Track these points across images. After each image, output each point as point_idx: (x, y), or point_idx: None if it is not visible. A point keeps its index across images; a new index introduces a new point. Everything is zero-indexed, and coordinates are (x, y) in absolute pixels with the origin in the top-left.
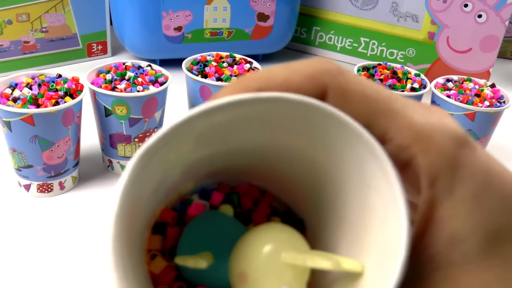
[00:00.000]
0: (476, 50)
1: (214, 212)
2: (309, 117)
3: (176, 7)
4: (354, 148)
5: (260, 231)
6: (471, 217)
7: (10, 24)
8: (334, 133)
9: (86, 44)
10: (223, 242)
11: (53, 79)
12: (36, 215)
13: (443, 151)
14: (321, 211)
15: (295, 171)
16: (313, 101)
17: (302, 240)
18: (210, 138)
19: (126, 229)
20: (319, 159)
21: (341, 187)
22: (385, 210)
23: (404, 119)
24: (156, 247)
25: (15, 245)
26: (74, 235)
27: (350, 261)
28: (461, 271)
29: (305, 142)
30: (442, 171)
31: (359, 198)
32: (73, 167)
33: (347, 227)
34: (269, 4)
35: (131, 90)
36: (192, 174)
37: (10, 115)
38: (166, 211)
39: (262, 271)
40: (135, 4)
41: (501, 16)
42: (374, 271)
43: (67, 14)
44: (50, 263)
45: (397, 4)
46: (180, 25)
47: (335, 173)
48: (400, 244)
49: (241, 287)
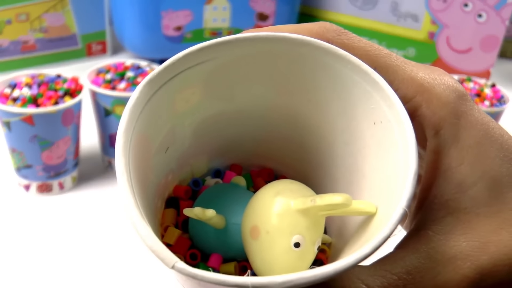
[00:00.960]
0: (476, 50)
1: (226, 184)
2: (313, 60)
3: (176, 7)
4: (358, 87)
5: (269, 186)
6: (478, 163)
7: (9, 24)
8: (340, 72)
9: (85, 43)
10: (235, 208)
11: (53, 79)
12: (36, 215)
13: (446, 100)
14: (335, 177)
15: (302, 142)
16: (317, 40)
17: (312, 193)
18: (214, 88)
19: (135, 157)
20: (329, 111)
21: (351, 136)
22: (393, 142)
23: (405, 72)
24: (170, 220)
25: (15, 245)
26: (74, 235)
27: (363, 202)
28: (472, 216)
29: (313, 93)
30: (446, 119)
31: (367, 143)
32: (73, 167)
33: (361, 178)
34: (269, 4)
35: (131, 90)
36: (204, 146)
37: (9, 115)
38: (179, 187)
39: (273, 221)
40: (135, 4)
41: (501, 16)
42: (385, 204)
43: (67, 14)
44: (50, 263)
45: (397, 4)
46: (180, 24)
47: (345, 124)
48: (409, 167)
49: (254, 243)
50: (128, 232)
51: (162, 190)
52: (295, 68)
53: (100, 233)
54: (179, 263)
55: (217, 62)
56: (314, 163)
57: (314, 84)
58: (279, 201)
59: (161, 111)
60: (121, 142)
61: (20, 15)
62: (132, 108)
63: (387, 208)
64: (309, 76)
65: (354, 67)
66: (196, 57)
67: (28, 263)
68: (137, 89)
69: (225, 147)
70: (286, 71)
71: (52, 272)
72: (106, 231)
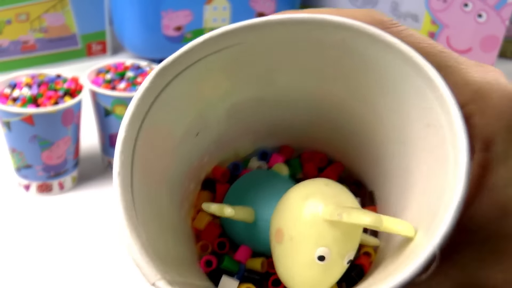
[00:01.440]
0: (476, 50)
1: (266, 171)
2: (357, 48)
3: (176, 7)
4: (410, 81)
5: (301, 185)
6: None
7: (9, 24)
8: (389, 63)
9: (85, 44)
10: (269, 202)
11: (53, 79)
12: (36, 215)
13: (501, 112)
14: (387, 176)
15: (353, 130)
16: (362, 24)
17: (351, 198)
18: (249, 73)
19: (146, 148)
20: (376, 106)
21: (403, 135)
22: (444, 154)
23: (460, 75)
24: (203, 203)
25: (15, 245)
26: (74, 235)
27: (401, 223)
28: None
29: (357, 83)
30: (500, 133)
31: (420, 146)
32: (73, 167)
33: (413, 184)
34: (269, 4)
35: (131, 90)
36: (246, 127)
37: (9, 115)
38: (217, 168)
39: (298, 228)
40: (135, 4)
41: (501, 16)
42: (425, 226)
43: (67, 14)
44: (49, 263)
45: (397, 4)
46: (180, 24)
47: (396, 122)
48: (454, 198)
49: (277, 246)
50: None
51: (196, 173)
52: (337, 55)
53: (100, 233)
54: (159, 282)
55: (246, 47)
56: (368, 156)
57: (358, 74)
58: (307, 206)
59: (183, 98)
60: (122, 136)
61: (20, 15)
62: (140, 99)
63: (426, 232)
64: (353, 65)
65: (406, 58)
66: (218, 42)
67: (28, 263)
68: (147, 79)
69: (273, 128)
70: (327, 58)
71: (52, 272)
72: (106, 231)
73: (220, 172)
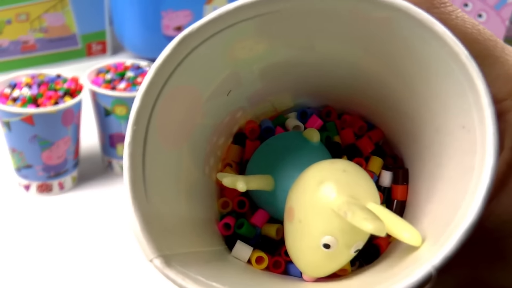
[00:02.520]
0: None
1: (297, 135)
2: (402, 29)
3: (175, 7)
4: (453, 77)
5: (319, 166)
6: None
7: (9, 24)
8: (433, 53)
9: (85, 44)
10: (293, 171)
11: (53, 79)
12: (36, 215)
13: None
14: (421, 162)
15: (393, 106)
16: (410, 5)
17: (369, 188)
18: (287, 38)
19: (159, 118)
20: (418, 91)
21: (441, 127)
22: (471, 161)
23: (503, 67)
24: (233, 157)
25: (15, 245)
26: (74, 235)
27: (410, 230)
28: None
29: (401, 65)
30: None
31: (454, 146)
32: (73, 167)
33: (439, 181)
34: None
35: (131, 90)
36: (286, 86)
37: (9, 115)
38: (251, 123)
39: (307, 213)
40: (135, 4)
41: (501, 16)
42: (434, 234)
43: (67, 14)
44: (49, 263)
45: None
46: (179, 24)
47: (433, 106)
48: (474, 202)
49: (288, 224)
50: (128, 232)
51: (227, 128)
52: (382, 33)
53: (100, 233)
54: (156, 260)
55: (282, 15)
56: (406, 135)
57: (402, 57)
58: (320, 191)
59: (210, 63)
60: (136, 106)
61: (20, 15)
62: (159, 68)
63: (433, 244)
64: (398, 47)
65: (452, 52)
66: (250, 10)
67: (28, 263)
68: (171, 44)
69: (313, 89)
70: (370, 34)
71: (52, 272)
72: (106, 231)
73: (252, 127)
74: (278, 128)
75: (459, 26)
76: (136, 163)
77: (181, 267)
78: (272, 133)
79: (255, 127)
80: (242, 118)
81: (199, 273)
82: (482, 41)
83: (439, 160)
